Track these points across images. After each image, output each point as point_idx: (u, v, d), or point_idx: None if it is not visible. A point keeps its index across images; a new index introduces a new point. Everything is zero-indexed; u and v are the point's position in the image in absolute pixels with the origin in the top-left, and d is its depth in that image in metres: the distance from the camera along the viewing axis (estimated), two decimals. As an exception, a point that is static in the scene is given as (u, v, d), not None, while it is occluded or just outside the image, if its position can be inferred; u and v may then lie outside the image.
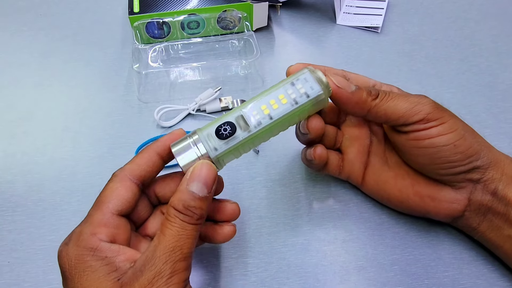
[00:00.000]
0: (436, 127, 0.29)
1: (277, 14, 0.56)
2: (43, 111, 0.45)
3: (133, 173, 0.27)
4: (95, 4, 0.58)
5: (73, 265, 0.24)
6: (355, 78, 0.33)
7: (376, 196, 0.36)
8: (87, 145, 0.42)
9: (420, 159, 0.31)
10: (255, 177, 0.39)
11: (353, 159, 0.35)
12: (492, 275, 0.33)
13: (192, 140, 0.27)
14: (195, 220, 0.25)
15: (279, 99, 0.27)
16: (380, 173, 0.34)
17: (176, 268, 0.24)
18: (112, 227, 0.25)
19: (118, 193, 0.26)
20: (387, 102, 0.29)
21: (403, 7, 0.57)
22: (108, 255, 0.24)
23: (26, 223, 0.37)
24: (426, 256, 0.34)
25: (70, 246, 0.25)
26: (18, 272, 0.34)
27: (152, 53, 0.48)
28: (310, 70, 0.28)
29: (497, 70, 0.48)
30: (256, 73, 0.48)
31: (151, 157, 0.28)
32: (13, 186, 0.39)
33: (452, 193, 0.31)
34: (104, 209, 0.26)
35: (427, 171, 0.31)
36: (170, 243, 0.24)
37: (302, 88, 0.27)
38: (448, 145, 0.29)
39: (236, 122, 0.27)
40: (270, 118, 0.27)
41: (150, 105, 0.45)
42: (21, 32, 0.54)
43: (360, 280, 0.33)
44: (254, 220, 0.37)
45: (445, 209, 0.31)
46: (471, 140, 0.29)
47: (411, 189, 0.32)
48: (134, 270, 0.24)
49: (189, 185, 0.25)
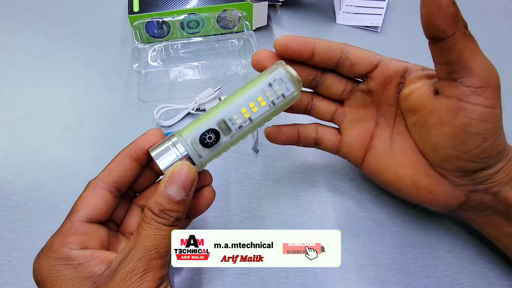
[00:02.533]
0: (483, 107, 0.25)
1: (276, 14, 0.56)
2: (43, 110, 0.46)
3: (105, 180, 0.27)
4: (95, 4, 0.58)
5: (45, 276, 0.24)
6: (355, 53, 0.30)
7: (373, 179, 0.34)
8: (87, 145, 0.42)
9: (441, 138, 0.28)
10: (254, 176, 0.40)
11: (351, 142, 0.33)
12: (491, 274, 0.33)
13: (171, 143, 0.27)
14: (171, 222, 0.25)
15: (258, 102, 0.28)
16: (382, 158, 0.32)
17: (150, 266, 0.24)
18: (81, 234, 0.26)
19: (88, 201, 0.26)
20: (470, 43, 0.25)
21: (403, 7, 0.57)
22: (81, 262, 0.24)
23: (26, 222, 0.37)
24: (426, 255, 0.34)
25: (42, 258, 0.25)
26: (18, 271, 0.34)
27: (152, 53, 0.48)
28: (284, 69, 0.28)
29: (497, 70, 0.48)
30: (256, 72, 0.48)
31: (123, 161, 0.28)
32: (13, 185, 0.39)
33: (450, 189, 0.29)
34: (73, 218, 0.26)
35: (435, 157, 0.29)
36: (146, 242, 0.24)
37: (279, 90, 0.28)
38: (480, 135, 0.26)
39: (219, 128, 0.27)
40: (251, 121, 0.28)
41: (150, 104, 0.46)
42: (21, 32, 0.54)
43: (360, 279, 0.33)
44: (253, 219, 0.37)
45: (440, 202, 0.30)
46: (500, 141, 0.27)
47: (409, 179, 0.31)
48: (110, 270, 0.24)
49: (166, 188, 0.25)
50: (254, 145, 0.41)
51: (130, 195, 0.30)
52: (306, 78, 0.32)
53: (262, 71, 0.29)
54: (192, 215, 0.30)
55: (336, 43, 0.31)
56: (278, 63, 0.29)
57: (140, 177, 0.30)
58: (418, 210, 0.37)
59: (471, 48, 0.25)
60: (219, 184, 0.39)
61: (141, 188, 0.30)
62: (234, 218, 0.37)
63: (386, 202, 0.37)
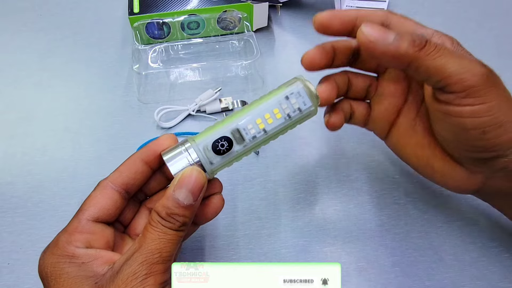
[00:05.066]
0: (472, 106, 0.24)
1: (277, 14, 0.56)
2: (43, 111, 0.45)
3: (114, 180, 0.27)
4: (95, 4, 0.58)
5: (49, 273, 0.24)
6: (397, 24, 0.28)
7: (395, 153, 0.34)
8: (87, 146, 0.42)
9: (444, 133, 0.28)
10: (255, 178, 0.39)
11: (378, 117, 0.32)
12: (493, 276, 0.33)
13: (184, 148, 0.27)
14: (177, 227, 0.25)
15: (274, 114, 0.28)
16: (403, 136, 0.32)
17: (152, 270, 0.24)
18: (87, 233, 0.26)
19: (97, 200, 0.27)
20: (433, 58, 0.24)
21: (403, 7, 0.57)
22: (84, 261, 0.24)
23: (26, 225, 0.37)
24: (427, 257, 0.34)
25: (47, 255, 0.25)
26: (18, 273, 0.34)
27: (152, 54, 0.48)
28: (303, 83, 0.28)
29: (497, 70, 0.47)
30: (256, 73, 0.48)
31: (135, 164, 0.28)
32: (13, 187, 0.39)
33: (465, 175, 0.29)
34: (80, 216, 0.26)
35: (447, 146, 0.29)
36: (150, 245, 0.24)
37: (296, 103, 0.28)
38: (477, 130, 0.25)
39: (232, 136, 0.27)
40: (265, 132, 0.28)
41: (150, 105, 0.45)
42: (21, 32, 0.54)
43: (361, 281, 0.33)
44: (254, 221, 0.37)
45: (454, 187, 0.30)
46: (509, 130, 0.25)
47: (425, 161, 0.31)
48: (112, 271, 0.24)
49: (175, 192, 0.25)
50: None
51: (140, 197, 0.30)
52: (344, 52, 0.30)
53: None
54: (199, 222, 0.30)
55: (377, 14, 0.29)
56: (296, 77, 0.29)
57: (151, 180, 0.30)
58: (419, 212, 0.37)
59: (438, 60, 0.24)
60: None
61: (152, 191, 0.30)
62: (235, 220, 0.37)
63: (387, 204, 0.37)
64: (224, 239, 0.36)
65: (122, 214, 0.29)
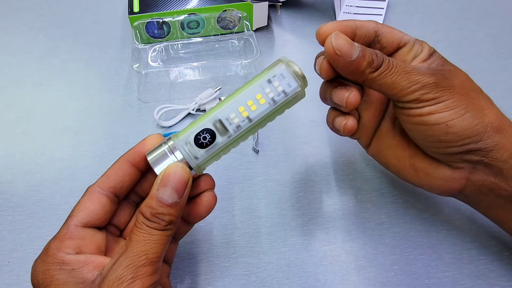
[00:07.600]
0: (429, 106, 0.27)
1: (277, 14, 0.56)
2: (43, 111, 0.46)
3: (102, 185, 0.27)
4: (95, 4, 0.58)
5: (41, 280, 0.24)
6: (385, 36, 0.30)
7: (376, 160, 0.34)
8: (87, 145, 0.42)
9: (413, 134, 0.29)
10: (255, 177, 0.39)
11: (366, 123, 0.33)
12: (492, 275, 0.33)
13: (167, 147, 0.26)
14: (163, 226, 0.24)
15: (257, 99, 0.26)
16: (384, 138, 0.32)
17: (139, 273, 0.23)
18: (77, 239, 0.25)
19: (85, 206, 0.26)
20: (385, 77, 0.27)
21: (403, 7, 0.57)
22: (74, 267, 0.24)
23: (26, 223, 0.37)
24: (427, 256, 0.34)
25: (38, 263, 0.25)
26: (18, 272, 0.34)
27: (152, 53, 0.48)
28: (286, 64, 0.27)
29: (497, 70, 0.48)
30: (256, 72, 0.48)
31: (122, 167, 0.28)
32: (13, 186, 0.39)
33: (448, 172, 0.29)
34: (69, 223, 0.26)
35: (422, 147, 0.30)
36: (135, 248, 0.24)
37: (279, 86, 0.26)
38: (439, 124, 0.27)
39: (215, 128, 0.26)
40: (250, 120, 0.26)
41: (150, 104, 0.45)
42: (21, 32, 0.54)
43: (360, 280, 0.33)
44: (253, 220, 0.37)
45: (438, 186, 0.30)
46: (472, 121, 0.26)
47: (407, 161, 0.31)
48: (101, 277, 0.24)
49: (158, 191, 0.24)
50: (254, 146, 0.41)
51: (135, 200, 0.30)
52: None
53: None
54: (192, 220, 0.29)
55: (369, 25, 0.30)
56: (280, 58, 0.28)
57: (144, 182, 0.29)
58: (419, 210, 0.37)
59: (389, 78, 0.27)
60: (220, 185, 0.39)
61: (146, 193, 0.30)
62: (234, 219, 0.37)
63: (386, 203, 0.37)
64: (224, 237, 0.36)
65: (116, 217, 0.28)
